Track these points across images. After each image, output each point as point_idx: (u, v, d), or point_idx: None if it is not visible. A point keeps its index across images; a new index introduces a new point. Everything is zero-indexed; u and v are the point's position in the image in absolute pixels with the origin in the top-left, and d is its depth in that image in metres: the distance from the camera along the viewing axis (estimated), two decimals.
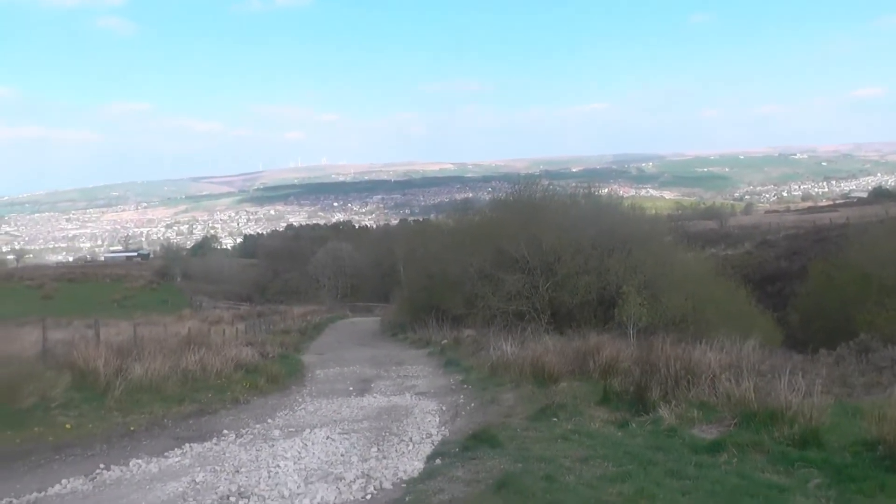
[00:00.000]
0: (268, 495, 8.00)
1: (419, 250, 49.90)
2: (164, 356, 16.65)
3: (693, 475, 7.62)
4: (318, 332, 44.65)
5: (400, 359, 25.65)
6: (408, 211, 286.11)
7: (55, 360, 15.07)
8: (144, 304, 74.18)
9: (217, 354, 18.89)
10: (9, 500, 8.22)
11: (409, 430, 11.72)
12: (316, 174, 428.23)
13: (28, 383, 11.90)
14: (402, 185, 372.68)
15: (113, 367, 14.31)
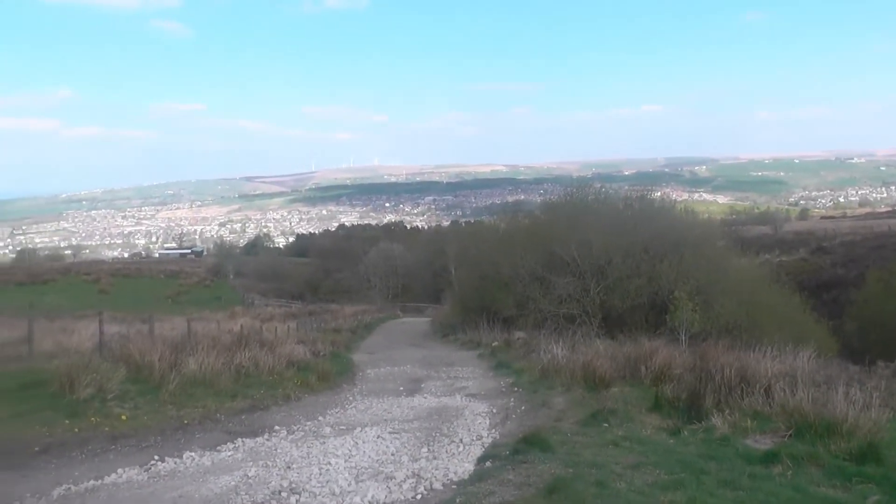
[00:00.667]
0: (319, 492, 8.04)
1: (471, 251, 49.83)
2: (218, 352, 16.84)
3: (747, 486, 7.48)
4: (368, 331, 44.80)
5: (450, 360, 25.66)
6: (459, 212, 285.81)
7: (111, 353, 15.34)
8: (198, 301, 74.90)
9: (269, 351, 19.04)
10: (67, 487, 8.37)
11: (460, 432, 11.71)
12: (367, 175, 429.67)
13: (85, 375, 12.09)
14: (454, 187, 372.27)
15: (167, 361, 14.53)
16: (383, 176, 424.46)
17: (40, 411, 10.84)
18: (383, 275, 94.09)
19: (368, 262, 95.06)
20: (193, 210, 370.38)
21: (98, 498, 8.07)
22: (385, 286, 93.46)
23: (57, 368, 12.56)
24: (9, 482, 8.48)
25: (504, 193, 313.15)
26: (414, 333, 44.71)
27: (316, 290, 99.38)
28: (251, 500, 7.75)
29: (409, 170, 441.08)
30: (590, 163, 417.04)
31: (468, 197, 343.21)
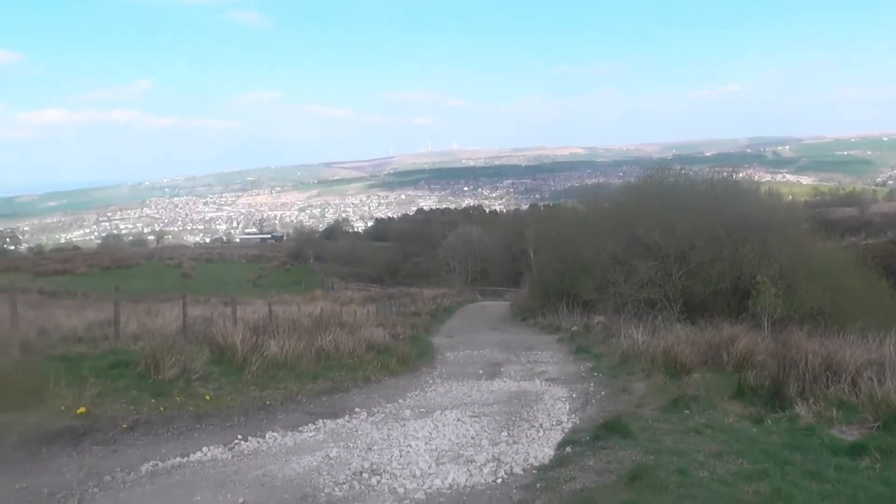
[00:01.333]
0: (399, 473, 8.09)
1: (550, 235, 49.65)
2: (299, 335, 17.04)
3: (833, 478, 7.31)
4: (447, 315, 44.91)
5: (530, 344, 25.59)
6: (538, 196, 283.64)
7: (195, 335, 15.67)
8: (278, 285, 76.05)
9: (349, 334, 19.19)
10: (155, 463, 8.58)
11: (540, 416, 11.67)
12: (445, 159, 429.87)
13: (170, 356, 12.33)
14: (532, 170, 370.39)
15: (250, 343, 14.73)
16: (461, 160, 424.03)
17: (127, 390, 11.09)
18: (462, 258, 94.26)
19: (447, 246, 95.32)
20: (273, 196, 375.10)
21: (184, 474, 8.24)
22: (464, 270, 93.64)
23: (143, 349, 12.87)
24: (99, 456, 8.73)
25: (583, 176, 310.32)
26: (493, 317, 44.72)
27: (395, 273, 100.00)
28: (333, 481, 7.81)
29: (487, 153, 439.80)
30: (670, 144, 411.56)
31: (547, 180, 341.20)
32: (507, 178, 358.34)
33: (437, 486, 7.57)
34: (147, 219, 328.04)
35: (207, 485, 7.73)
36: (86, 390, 10.21)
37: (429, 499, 7.19)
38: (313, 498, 7.26)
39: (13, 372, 9.90)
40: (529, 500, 6.85)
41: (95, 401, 10.07)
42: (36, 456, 8.43)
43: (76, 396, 9.94)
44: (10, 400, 9.43)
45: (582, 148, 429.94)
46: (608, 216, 38.50)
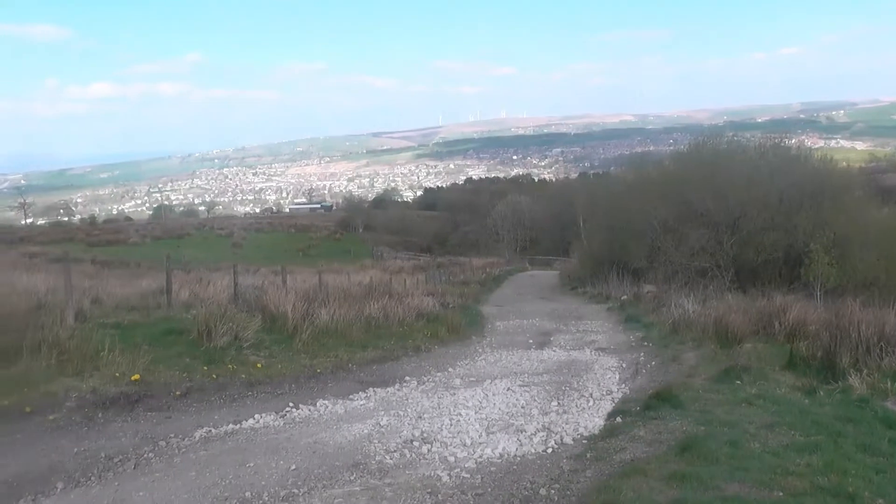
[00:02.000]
0: (450, 442, 8.10)
1: (600, 203, 49.32)
2: (349, 304, 17.17)
3: (887, 452, 7.15)
4: (497, 284, 44.84)
5: (579, 313, 25.53)
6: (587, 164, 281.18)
7: (246, 304, 15.80)
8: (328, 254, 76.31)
9: (399, 303, 19.29)
10: (208, 429, 8.73)
11: (590, 386, 11.64)
12: (494, 128, 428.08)
13: (222, 324, 12.50)
14: (582, 139, 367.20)
15: (300, 312, 14.87)
16: (510, 129, 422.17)
17: (180, 357, 11.29)
18: (511, 227, 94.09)
19: (496, 215, 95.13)
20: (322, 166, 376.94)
21: (237, 441, 8.35)
22: (513, 239, 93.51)
23: (195, 317, 13.04)
24: (154, 422, 8.92)
25: (632, 144, 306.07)
26: (542, 286, 44.61)
27: (444, 242, 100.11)
28: (384, 449, 7.85)
29: (536, 122, 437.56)
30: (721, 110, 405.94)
31: (596, 148, 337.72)
32: (557, 146, 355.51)
33: (488, 456, 7.56)
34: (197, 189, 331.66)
35: (260, 451, 7.82)
36: (139, 357, 10.41)
37: (479, 467, 7.18)
38: (365, 465, 7.30)
39: (69, 339, 10.06)
40: (580, 470, 6.82)
41: (149, 368, 10.25)
42: (92, 420, 8.63)
43: (130, 363, 10.13)
44: (67, 366, 9.60)
45: (632, 115, 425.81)
46: (658, 184, 38.06)
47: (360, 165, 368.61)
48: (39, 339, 9.79)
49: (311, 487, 6.66)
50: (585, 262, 45.28)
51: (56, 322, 10.75)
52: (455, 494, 6.42)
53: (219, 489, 6.60)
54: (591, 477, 6.58)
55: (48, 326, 10.26)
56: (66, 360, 9.73)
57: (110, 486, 6.85)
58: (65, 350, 9.86)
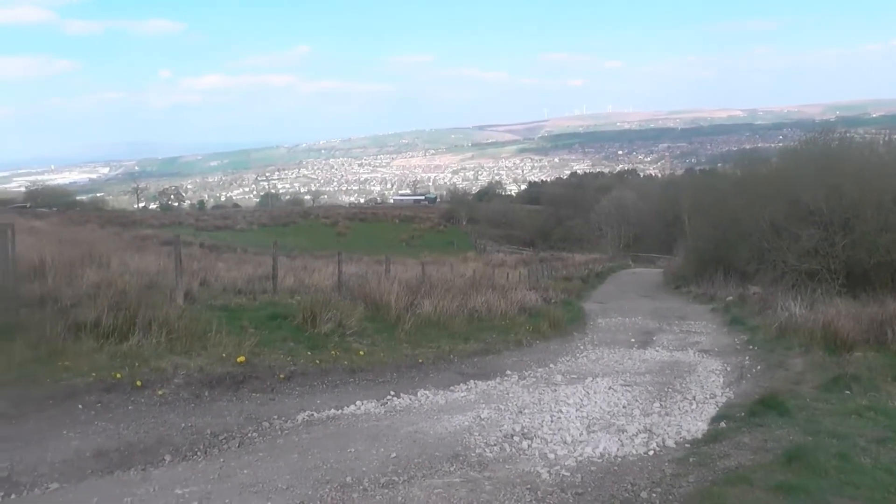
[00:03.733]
0: (550, 439, 8.02)
1: (706, 201, 48.28)
2: (452, 295, 17.18)
3: None
4: (599, 280, 44.57)
5: (682, 313, 25.12)
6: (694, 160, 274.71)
7: (349, 292, 15.96)
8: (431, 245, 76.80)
9: (502, 297, 19.25)
10: (310, 413, 8.90)
11: (693, 389, 11.41)
12: (600, 122, 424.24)
13: (326, 311, 12.69)
14: (689, 134, 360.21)
15: (404, 302, 14.96)
16: (616, 123, 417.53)
17: (284, 342, 11.48)
18: (615, 224, 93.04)
19: (600, 211, 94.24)
20: (427, 158, 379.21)
21: (339, 426, 8.46)
22: (616, 235, 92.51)
23: (300, 303, 13.29)
24: (258, 403, 9.14)
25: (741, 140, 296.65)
26: (645, 284, 44.05)
27: (547, 237, 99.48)
28: (484, 442, 7.83)
29: (642, 116, 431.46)
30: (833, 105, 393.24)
31: (703, 144, 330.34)
32: (663, 141, 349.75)
33: (588, 455, 7.45)
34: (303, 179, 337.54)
35: (361, 437, 7.89)
36: (245, 340, 10.63)
37: (580, 466, 7.08)
38: (464, 457, 7.29)
39: (179, 318, 10.30)
40: (682, 475, 6.65)
41: (254, 350, 10.45)
42: (199, 398, 8.87)
43: (236, 345, 10.34)
44: (176, 344, 9.83)
45: (740, 110, 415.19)
46: (767, 182, 36.99)
47: (464, 158, 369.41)
48: (150, 317, 10.05)
49: (410, 476, 6.68)
50: (690, 260, 44.49)
51: (166, 302, 11.04)
52: (555, 492, 6.35)
53: (320, 472, 6.68)
54: (694, 482, 6.42)
55: (159, 306, 10.53)
56: (175, 338, 9.99)
57: (215, 461, 7.05)
58: (174, 329, 10.12)
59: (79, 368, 8.49)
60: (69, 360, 8.66)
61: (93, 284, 11.80)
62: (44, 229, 31.76)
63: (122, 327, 9.71)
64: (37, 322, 9.25)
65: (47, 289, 11.12)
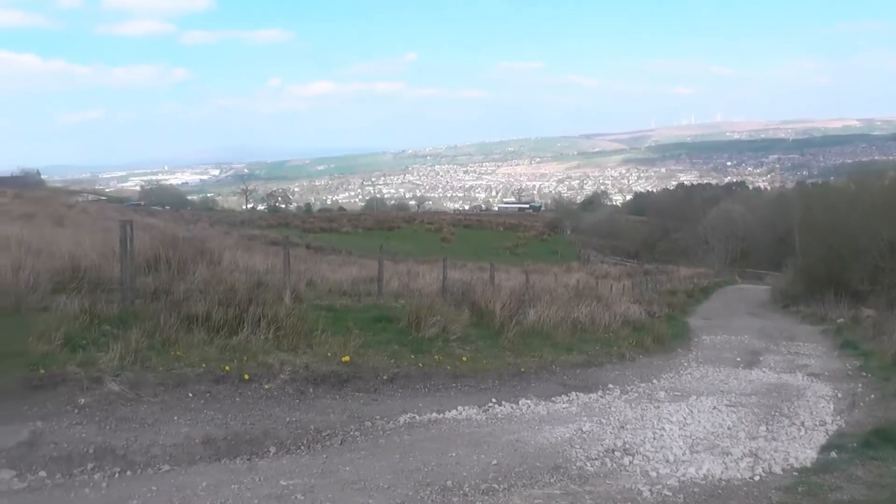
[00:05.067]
0: (652, 456, 7.88)
1: (818, 216, 46.99)
2: (556, 305, 17.13)
3: None
4: (705, 295, 43.91)
5: (791, 333, 24.49)
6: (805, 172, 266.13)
7: (454, 298, 16.03)
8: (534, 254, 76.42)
9: (606, 309, 19.14)
10: (412, 416, 9.03)
11: (801, 414, 11.02)
12: (708, 132, 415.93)
13: (430, 315, 12.81)
14: (800, 145, 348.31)
15: (508, 310, 14.98)
16: (725, 133, 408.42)
17: (388, 344, 11.61)
18: (722, 237, 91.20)
19: (707, 224, 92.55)
20: (533, 166, 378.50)
21: (440, 430, 8.55)
22: (723, 249, 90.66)
23: (405, 307, 13.43)
24: (361, 402, 9.30)
25: (856, 152, 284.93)
26: (752, 301, 43.20)
27: (652, 249, 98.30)
28: (585, 455, 7.76)
29: (752, 126, 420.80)
30: None
31: (816, 155, 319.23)
32: (773, 152, 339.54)
33: (691, 475, 7.25)
34: (409, 184, 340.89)
35: (462, 443, 7.93)
36: (350, 340, 10.79)
37: (682, 487, 6.91)
38: (565, 469, 7.25)
39: (286, 316, 10.50)
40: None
41: (359, 351, 10.59)
42: (304, 394, 9.08)
43: (341, 345, 10.49)
44: (283, 341, 10.03)
45: (856, 120, 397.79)
46: (884, 197, 35.81)
47: (570, 167, 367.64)
48: (259, 314, 10.27)
49: (511, 484, 6.67)
50: (799, 278, 43.35)
51: (274, 300, 11.23)
52: None
53: (421, 474, 6.74)
54: None
55: (267, 303, 10.72)
56: (282, 335, 10.19)
57: (318, 457, 7.21)
58: (281, 326, 10.32)
59: (190, 359, 8.76)
60: (181, 350, 8.93)
61: (204, 280, 12.08)
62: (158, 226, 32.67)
63: (232, 322, 9.96)
64: (152, 313, 9.54)
65: (161, 282, 11.43)
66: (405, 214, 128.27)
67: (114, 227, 13.08)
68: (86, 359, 7.91)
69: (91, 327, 8.80)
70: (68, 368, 7.62)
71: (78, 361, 7.79)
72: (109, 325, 9.01)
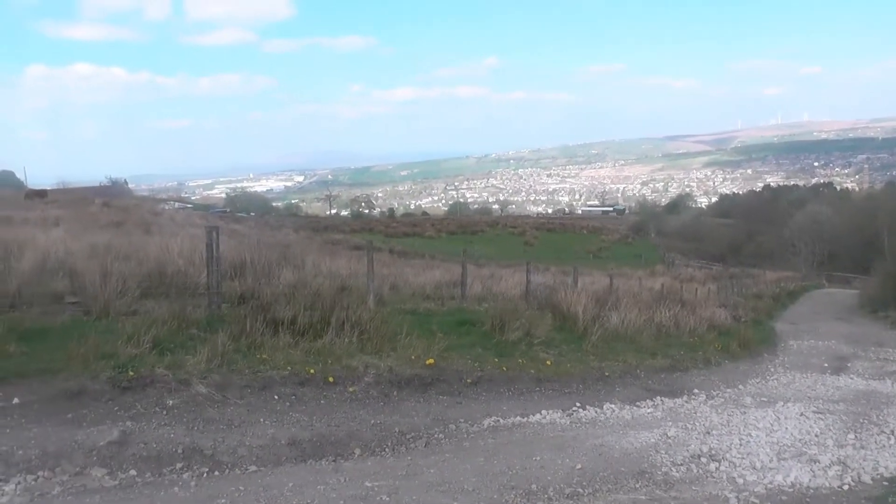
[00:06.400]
0: (739, 463, 7.73)
1: None
2: (639, 309, 16.99)
3: None
4: (791, 300, 43.09)
5: (880, 339, 23.83)
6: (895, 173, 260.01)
7: (536, 301, 16.03)
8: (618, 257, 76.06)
9: (690, 313, 18.96)
10: (496, 419, 9.06)
11: (891, 422, 10.60)
12: (796, 132, 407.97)
13: (514, 319, 12.86)
14: (890, 144, 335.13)
15: (591, 313, 14.93)
16: (812, 133, 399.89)
17: (472, 347, 11.65)
18: (809, 240, 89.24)
19: (794, 226, 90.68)
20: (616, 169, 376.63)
21: (524, 433, 8.54)
22: (810, 253, 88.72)
23: (488, 311, 13.51)
24: (445, 405, 9.34)
25: None
26: (839, 306, 42.16)
27: (737, 252, 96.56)
28: (671, 461, 7.67)
29: (840, 125, 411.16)
30: None
31: None
32: (862, 152, 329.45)
33: (779, 483, 7.10)
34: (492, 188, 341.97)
35: (546, 447, 7.90)
36: (434, 344, 10.82)
37: (769, 494, 6.76)
38: (650, 475, 7.17)
39: (370, 320, 10.61)
40: None
41: (442, 354, 10.61)
42: (388, 397, 9.15)
43: (425, 348, 10.53)
44: (367, 344, 10.14)
45: None
46: None
47: (654, 169, 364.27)
48: (343, 317, 10.39)
49: (595, 489, 6.63)
50: (889, 283, 42.21)
51: (358, 304, 11.34)
52: None
53: (506, 477, 6.73)
54: None
55: (351, 307, 10.83)
56: (366, 339, 10.30)
57: (403, 459, 7.29)
58: (365, 330, 10.44)
59: (275, 362, 8.89)
60: (266, 353, 9.08)
61: (289, 284, 12.29)
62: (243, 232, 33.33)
63: (317, 326, 10.10)
64: (238, 317, 9.72)
65: (247, 287, 11.68)
66: (488, 218, 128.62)
67: (200, 234, 13.37)
68: (173, 361, 8.11)
69: (178, 331, 9.03)
70: (156, 371, 7.83)
71: (166, 364, 8.00)
72: (196, 328, 9.24)
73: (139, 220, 32.59)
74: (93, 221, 26.91)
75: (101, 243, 15.11)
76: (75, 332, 8.46)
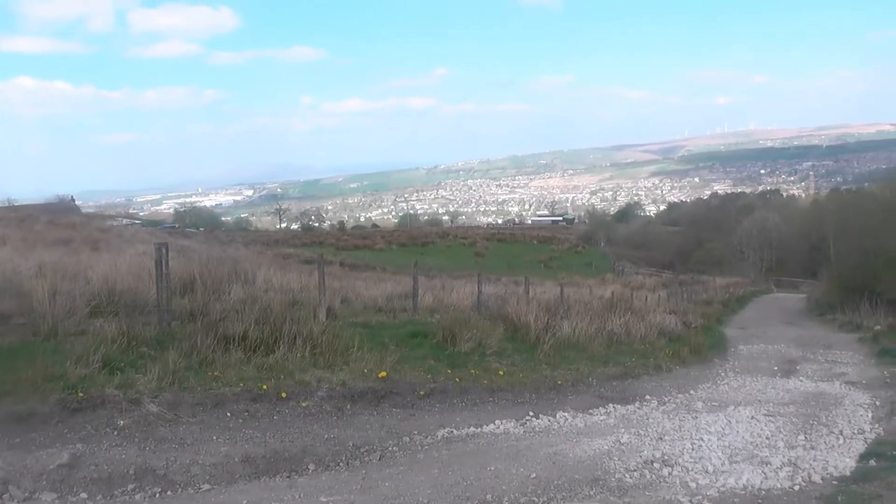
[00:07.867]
0: (691, 467, 7.83)
1: (852, 223, 46.45)
2: (590, 317, 17.11)
3: None
4: (740, 305, 43.59)
5: (827, 342, 24.18)
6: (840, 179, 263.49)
7: (488, 312, 16.09)
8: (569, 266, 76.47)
9: (641, 320, 19.08)
10: (450, 430, 9.08)
11: (839, 422, 10.88)
12: (742, 140, 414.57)
13: (466, 330, 12.91)
14: (834, 151, 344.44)
15: (543, 323, 15.01)
16: (759, 141, 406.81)
17: (425, 359, 11.66)
18: (757, 246, 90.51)
19: (742, 233, 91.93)
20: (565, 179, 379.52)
21: (478, 444, 8.57)
22: (758, 259, 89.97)
23: (440, 322, 13.49)
24: (399, 418, 9.34)
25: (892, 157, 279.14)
26: (788, 310, 42.75)
27: (686, 259, 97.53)
28: (624, 467, 7.74)
29: (785, 133, 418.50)
30: None
31: (850, 162, 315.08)
32: (807, 159, 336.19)
33: (731, 486, 7.20)
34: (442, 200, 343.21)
35: (500, 456, 7.94)
36: (387, 356, 10.83)
37: (722, 497, 6.86)
38: (604, 482, 7.24)
39: (322, 334, 10.57)
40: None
41: (395, 367, 10.62)
42: (341, 411, 9.13)
43: (378, 361, 10.53)
44: (319, 359, 10.10)
45: (891, 124, 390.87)
46: None
47: (603, 179, 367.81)
48: (295, 332, 10.35)
49: (550, 497, 6.69)
50: (834, 287, 42.75)
51: (309, 318, 11.30)
52: None
53: (460, 488, 6.76)
54: None
55: (303, 321, 10.79)
56: (318, 353, 10.26)
57: (357, 473, 7.27)
58: (317, 344, 10.39)
59: (227, 378, 8.82)
60: (218, 370, 9.00)
61: (239, 300, 12.21)
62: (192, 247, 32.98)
63: (268, 341, 10.04)
64: (188, 334, 9.63)
65: (197, 303, 11.55)
66: (438, 230, 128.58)
67: (148, 251, 13.27)
68: (124, 381, 8.00)
69: (128, 350, 8.89)
70: (107, 391, 7.72)
71: (116, 384, 7.89)
72: (147, 346, 9.11)
73: (87, 237, 32.19)
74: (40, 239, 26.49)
75: (49, 262, 14.89)
76: (23, 353, 8.33)
